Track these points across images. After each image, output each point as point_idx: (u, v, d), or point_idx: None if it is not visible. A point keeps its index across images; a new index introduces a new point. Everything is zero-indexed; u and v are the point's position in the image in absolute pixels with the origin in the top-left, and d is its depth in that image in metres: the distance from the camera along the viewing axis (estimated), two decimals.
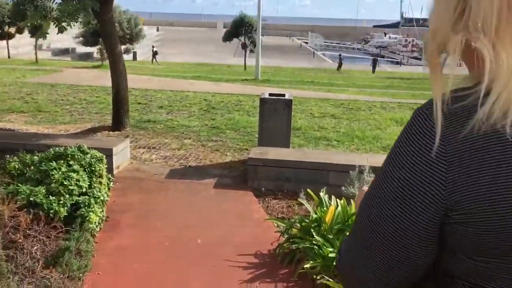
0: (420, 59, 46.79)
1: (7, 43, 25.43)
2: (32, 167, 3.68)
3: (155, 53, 32.68)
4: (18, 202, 3.05)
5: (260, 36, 21.50)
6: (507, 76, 0.60)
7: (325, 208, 3.33)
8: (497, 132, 0.60)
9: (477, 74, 0.64)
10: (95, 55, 29.85)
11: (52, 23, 5.09)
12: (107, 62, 22.98)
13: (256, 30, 23.87)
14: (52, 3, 5.64)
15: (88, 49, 30.72)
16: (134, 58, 31.72)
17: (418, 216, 0.65)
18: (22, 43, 29.42)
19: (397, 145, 0.68)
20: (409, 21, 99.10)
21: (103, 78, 13.69)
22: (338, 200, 3.47)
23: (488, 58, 0.60)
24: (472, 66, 0.67)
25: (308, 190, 3.67)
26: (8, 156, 3.95)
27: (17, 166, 3.82)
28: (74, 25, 5.25)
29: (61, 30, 5.27)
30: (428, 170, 0.63)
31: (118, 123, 7.06)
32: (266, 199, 4.61)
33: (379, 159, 4.99)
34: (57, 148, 3.70)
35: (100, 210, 3.49)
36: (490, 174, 0.60)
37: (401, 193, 0.66)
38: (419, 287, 0.76)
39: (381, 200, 0.68)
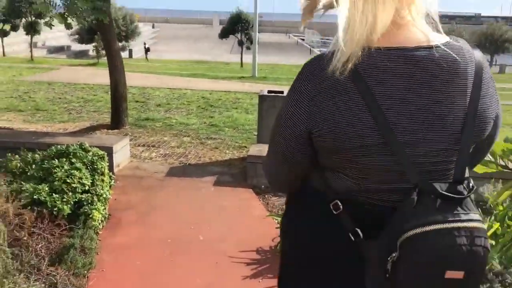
0: None
1: (2, 41, 25.34)
2: (34, 165, 3.70)
3: (147, 50, 32.69)
4: (22, 200, 3.07)
5: (257, 33, 21.50)
6: (344, 41, 0.94)
7: None
8: (337, 78, 0.96)
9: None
10: (90, 52, 29.79)
11: (58, 19, 5.10)
12: (102, 60, 22.98)
13: (252, 27, 23.89)
14: None
15: (83, 47, 30.68)
16: (130, 55, 31.66)
17: (294, 128, 1.03)
18: (17, 41, 29.33)
19: (292, 84, 1.05)
20: None
21: (100, 76, 13.69)
22: None
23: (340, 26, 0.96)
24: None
25: None
26: (9, 154, 3.96)
27: (18, 165, 3.83)
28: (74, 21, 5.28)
29: (68, 26, 5.27)
30: (300, 110, 1.01)
31: (117, 121, 7.07)
32: (266, 196, 4.64)
33: None
34: (59, 146, 3.72)
35: (103, 207, 3.52)
36: (332, 105, 0.96)
37: (287, 114, 1.04)
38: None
39: (279, 117, 1.08)
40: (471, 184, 0.98)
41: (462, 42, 1.04)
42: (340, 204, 1.05)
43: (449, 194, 0.94)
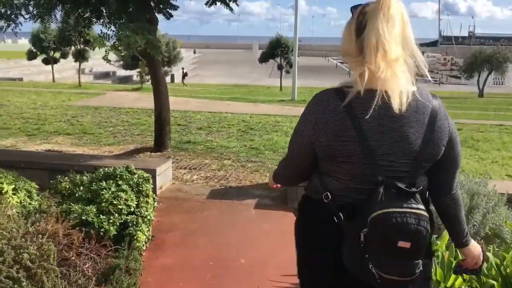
0: (460, 77, 45.73)
1: (52, 68, 26.57)
2: (82, 187, 3.83)
3: (185, 75, 33.47)
4: (71, 221, 3.17)
5: (297, 57, 21.63)
6: (356, 84, 1.44)
7: None
8: (335, 108, 1.47)
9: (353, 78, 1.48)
10: (134, 78, 30.79)
11: (111, 49, 5.35)
12: (146, 85, 23.60)
13: (292, 51, 24.06)
14: (108, 30, 5.91)
15: (127, 72, 31.73)
16: (172, 80, 32.51)
17: (303, 141, 1.55)
18: (65, 68, 30.71)
19: (303, 113, 1.57)
20: (447, 40, 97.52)
21: (143, 100, 14.09)
22: None
23: (353, 73, 1.51)
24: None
25: None
26: (59, 176, 4.11)
27: (67, 186, 3.98)
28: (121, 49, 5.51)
29: (119, 55, 5.52)
30: (308, 127, 1.53)
31: (160, 144, 7.24)
32: None
33: None
34: (106, 169, 3.84)
35: (147, 229, 3.58)
36: (326, 130, 1.47)
37: (299, 133, 1.57)
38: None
39: (294, 135, 1.61)
40: (421, 187, 1.49)
41: (425, 92, 1.52)
42: (329, 195, 1.55)
43: (405, 189, 1.42)
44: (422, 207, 1.42)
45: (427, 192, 1.62)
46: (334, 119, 1.46)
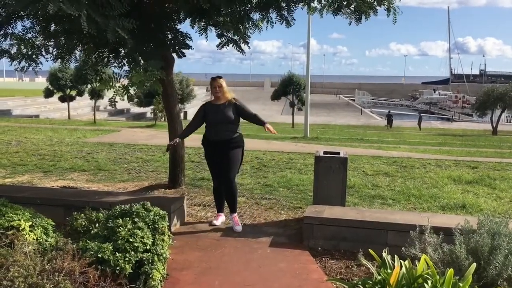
0: (471, 115, 45.63)
1: (68, 105, 27.10)
2: (98, 224, 3.83)
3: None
4: (87, 259, 3.16)
5: (309, 95, 21.85)
6: None
7: (389, 270, 3.23)
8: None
9: None
10: (148, 115, 31.24)
11: (120, 90, 5.47)
12: (159, 122, 23.77)
13: (303, 88, 24.32)
14: (121, 70, 6.07)
15: (141, 110, 32.22)
16: (185, 117, 32.86)
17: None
18: (80, 105, 31.29)
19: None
20: (458, 78, 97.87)
21: (157, 137, 14.23)
22: (402, 261, 3.36)
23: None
24: None
25: (370, 250, 3.59)
26: (75, 213, 4.12)
27: (83, 223, 3.98)
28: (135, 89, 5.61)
29: (127, 94, 5.62)
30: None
31: (174, 181, 7.25)
32: (323, 258, 4.54)
33: (440, 219, 4.84)
34: (122, 206, 3.84)
35: (162, 267, 3.55)
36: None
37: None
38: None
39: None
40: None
41: None
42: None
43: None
44: None
45: None
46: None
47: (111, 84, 5.65)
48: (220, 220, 5.62)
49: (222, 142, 5.46)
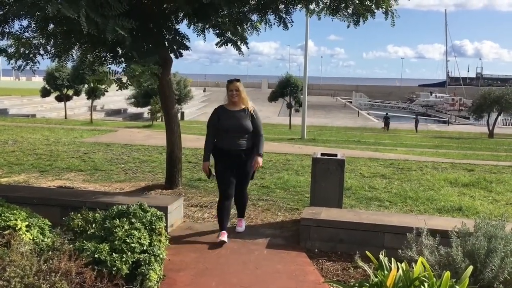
0: (468, 118, 45.79)
1: (65, 105, 27.03)
2: (94, 224, 3.82)
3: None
4: (84, 259, 3.15)
5: (306, 96, 21.85)
6: None
7: (385, 272, 3.23)
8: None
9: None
10: (145, 115, 31.23)
11: (115, 84, 5.48)
12: (156, 122, 23.75)
13: (301, 90, 24.33)
14: (118, 67, 6.07)
15: (138, 110, 32.21)
16: (182, 117, 32.85)
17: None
18: (77, 105, 31.24)
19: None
20: (455, 80, 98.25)
21: (154, 137, 14.22)
22: (398, 263, 3.37)
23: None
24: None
25: (367, 252, 3.59)
26: (72, 213, 4.11)
27: (80, 224, 3.96)
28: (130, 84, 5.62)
29: (121, 87, 5.60)
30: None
31: (171, 181, 7.24)
32: (320, 260, 4.54)
33: (436, 222, 4.86)
34: (120, 206, 3.83)
35: (159, 268, 3.54)
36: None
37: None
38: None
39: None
40: None
41: None
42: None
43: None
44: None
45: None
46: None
47: (107, 77, 5.65)
48: (226, 235, 4.99)
49: (236, 152, 5.01)
